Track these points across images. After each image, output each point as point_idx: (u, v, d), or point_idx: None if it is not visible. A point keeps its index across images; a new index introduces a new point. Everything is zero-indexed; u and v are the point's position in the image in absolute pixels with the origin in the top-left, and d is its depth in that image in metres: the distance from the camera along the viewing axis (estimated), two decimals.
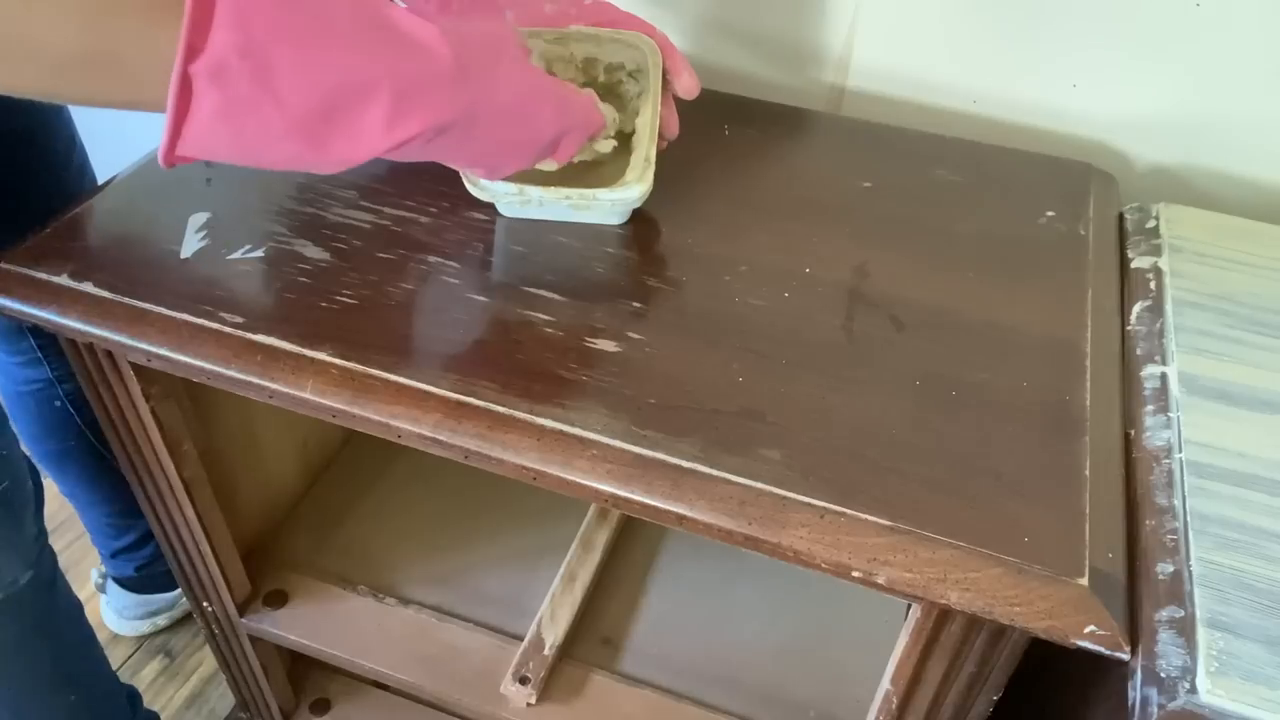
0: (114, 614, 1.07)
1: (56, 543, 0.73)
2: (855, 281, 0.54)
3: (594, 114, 0.52)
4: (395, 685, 0.74)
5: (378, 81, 0.38)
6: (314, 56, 0.37)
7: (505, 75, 0.45)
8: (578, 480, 0.44)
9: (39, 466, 0.78)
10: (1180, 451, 0.46)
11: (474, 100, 0.43)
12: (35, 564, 0.68)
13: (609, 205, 0.54)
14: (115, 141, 0.81)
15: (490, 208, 0.57)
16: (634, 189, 0.53)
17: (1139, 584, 0.41)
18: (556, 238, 0.56)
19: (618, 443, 0.45)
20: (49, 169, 0.73)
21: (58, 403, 0.84)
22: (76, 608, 0.76)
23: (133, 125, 0.79)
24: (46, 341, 0.80)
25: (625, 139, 0.57)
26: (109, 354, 0.56)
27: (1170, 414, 0.48)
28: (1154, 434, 0.47)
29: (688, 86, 0.57)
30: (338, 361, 0.48)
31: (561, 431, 0.45)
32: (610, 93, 0.60)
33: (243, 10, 0.35)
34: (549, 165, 0.52)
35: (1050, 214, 0.60)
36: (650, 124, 0.55)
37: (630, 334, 0.50)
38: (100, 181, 0.61)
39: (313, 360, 0.48)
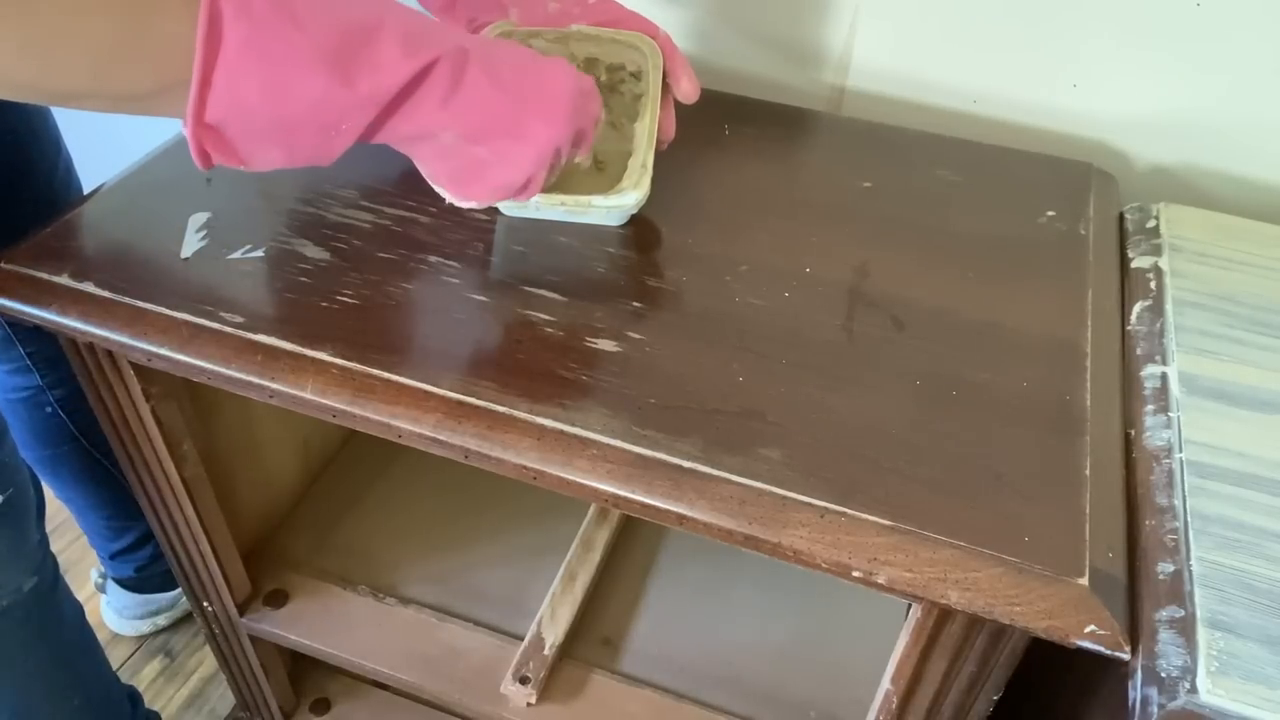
0: (114, 614, 1.07)
1: (55, 543, 0.73)
2: (855, 281, 0.54)
3: (595, 92, 0.52)
4: (395, 685, 0.74)
5: (382, 22, 0.41)
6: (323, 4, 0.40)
7: (502, 43, 0.47)
8: (578, 480, 0.44)
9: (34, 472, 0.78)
10: (1180, 451, 0.46)
11: (478, 46, 0.44)
12: (38, 570, 0.68)
13: (604, 211, 0.54)
14: (104, 149, 0.81)
15: (490, 207, 0.57)
16: (629, 195, 0.53)
17: (1139, 584, 0.41)
18: (557, 238, 0.56)
19: (618, 442, 0.45)
20: (37, 177, 0.73)
21: (49, 409, 0.84)
22: (78, 611, 0.76)
23: (122, 132, 0.80)
24: (35, 350, 0.80)
25: (619, 133, 0.57)
26: (109, 354, 0.56)
27: (1170, 414, 0.48)
28: (1154, 434, 0.47)
29: (687, 92, 0.57)
30: (338, 361, 0.48)
31: (561, 431, 0.45)
32: (612, 93, 0.60)
33: None
34: (583, 160, 0.52)
35: (1050, 214, 0.60)
36: (649, 128, 0.55)
37: (630, 334, 0.50)
38: (86, 189, 0.60)
39: (313, 360, 0.48)
